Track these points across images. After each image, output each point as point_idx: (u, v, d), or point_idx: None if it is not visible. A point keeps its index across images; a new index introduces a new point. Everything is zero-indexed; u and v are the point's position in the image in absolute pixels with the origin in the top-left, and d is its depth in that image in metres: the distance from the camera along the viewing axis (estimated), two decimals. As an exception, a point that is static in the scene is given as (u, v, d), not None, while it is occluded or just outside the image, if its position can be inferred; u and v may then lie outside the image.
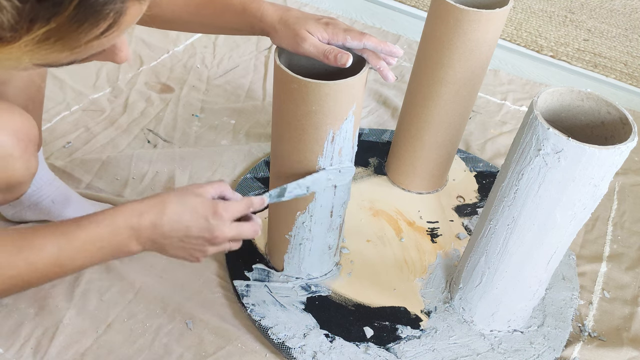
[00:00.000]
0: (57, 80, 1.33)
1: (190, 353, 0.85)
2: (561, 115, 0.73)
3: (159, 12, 0.74)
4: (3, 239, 0.56)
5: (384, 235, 1.03)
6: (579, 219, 0.72)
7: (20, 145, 0.69)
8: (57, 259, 0.57)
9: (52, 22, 0.35)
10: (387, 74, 0.72)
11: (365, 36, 0.70)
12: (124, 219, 0.60)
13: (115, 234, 0.59)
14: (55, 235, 0.57)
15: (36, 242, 0.56)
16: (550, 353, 0.87)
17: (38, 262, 0.56)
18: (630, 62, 1.67)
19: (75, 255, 0.58)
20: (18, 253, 0.55)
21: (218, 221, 0.63)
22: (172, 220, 0.62)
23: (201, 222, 0.63)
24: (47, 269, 0.57)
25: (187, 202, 0.63)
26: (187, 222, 0.63)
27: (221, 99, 1.35)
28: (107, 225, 0.59)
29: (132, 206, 0.61)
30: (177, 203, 0.62)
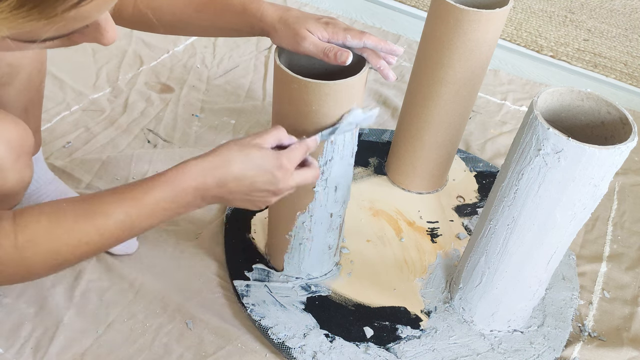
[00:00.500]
0: (57, 80, 1.33)
1: (190, 353, 0.85)
2: (561, 115, 0.73)
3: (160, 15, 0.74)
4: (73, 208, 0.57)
5: (384, 235, 1.03)
6: (579, 219, 0.72)
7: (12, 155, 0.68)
8: (125, 224, 0.58)
9: None
10: (388, 73, 0.72)
11: (365, 35, 0.70)
12: (190, 181, 0.60)
13: (182, 195, 0.60)
14: (122, 201, 0.58)
15: (105, 209, 0.57)
16: (550, 353, 0.87)
17: (108, 228, 0.57)
18: (630, 62, 1.68)
19: (143, 218, 0.59)
20: (88, 220, 0.56)
21: (283, 174, 0.64)
22: (237, 178, 0.62)
23: (267, 176, 0.63)
24: (116, 233, 0.58)
25: (251, 156, 0.62)
26: (253, 177, 0.63)
27: (221, 99, 1.35)
28: (173, 189, 0.59)
29: (197, 165, 0.60)
30: (241, 159, 0.62)
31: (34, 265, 0.56)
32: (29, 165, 0.72)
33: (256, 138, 0.64)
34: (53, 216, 0.56)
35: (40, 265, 0.56)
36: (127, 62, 1.41)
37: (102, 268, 0.95)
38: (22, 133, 0.70)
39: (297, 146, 0.67)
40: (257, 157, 0.63)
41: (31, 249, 0.54)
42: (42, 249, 0.55)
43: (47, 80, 1.31)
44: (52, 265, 0.57)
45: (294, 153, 0.66)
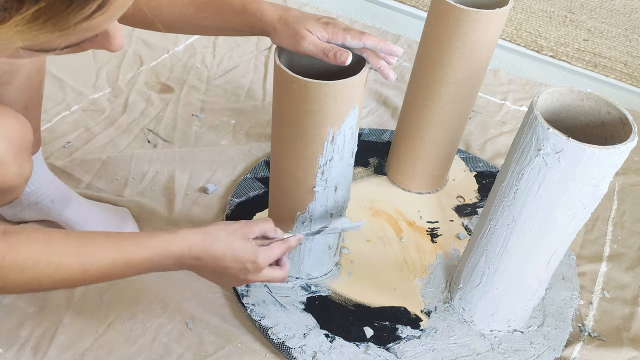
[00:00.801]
0: (57, 80, 1.33)
1: (190, 353, 0.85)
2: (561, 115, 0.73)
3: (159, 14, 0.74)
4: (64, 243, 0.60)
5: (384, 235, 1.03)
6: (579, 219, 0.72)
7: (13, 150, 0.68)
8: (109, 271, 0.62)
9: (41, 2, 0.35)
10: (388, 72, 0.73)
11: (365, 35, 0.70)
12: (177, 249, 0.65)
13: (164, 260, 0.65)
14: (113, 250, 0.62)
15: (94, 252, 0.61)
16: (550, 353, 0.87)
17: (91, 271, 0.61)
18: (630, 62, 1.68)
19: (125, 271, 0.63)
20: (76, 259, 0.60)
21: (254, 269, 0.70)
22: (214, 259, 0.68)
23: (240, 267, 0.69)
24: (97, 276, 0.62)
25: (233, 245, 0.68)
26: (228, 264, 0.69)
27: (221, 99, 1.35)
28: (160, 254, 0.65)
29: (185, 237, 0.66)
30: (223, 244, 0.68)
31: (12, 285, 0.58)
32: (29, 160, 0.73)
33: (244, 227, 0.71)
34: (45, 248, 0.59)
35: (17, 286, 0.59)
36: (127, 62, 1.41)
37: (102, 268, 0.95)
38: (23, 128, 0.71)
39: (277, 245, 0.73)
40: (237, 247, 0.69)
41: (15, 272, 0.57)
42: (27, 273, 0.58)
43: (47, 80, 1.31)
44: (28, 288, 0.60)
45: (271, 253, 0.72)
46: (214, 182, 1.12)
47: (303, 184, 0.79)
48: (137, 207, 1.05)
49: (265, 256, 0.71)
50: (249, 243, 0.70)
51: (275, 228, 0.74)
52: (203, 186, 1.11)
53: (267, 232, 0.73)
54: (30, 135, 0.72)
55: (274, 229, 0.74)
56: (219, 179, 1.13)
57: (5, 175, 0.69)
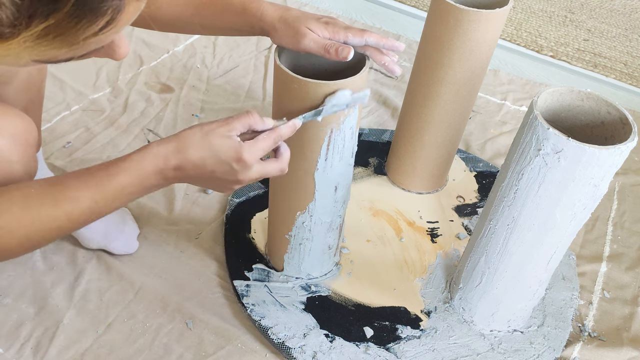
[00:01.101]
0: (57, 80, 1.33)
1: (190, 353, 0.85)
2: (561, 115, 0.73)
3: (158, 14, 0.74)
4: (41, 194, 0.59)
5: (384, 235, 1.03)
6: (579, 219, 0.72)
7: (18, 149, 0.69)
8: (93, 208, 0.60)
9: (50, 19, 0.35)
10: (394, 67, 0.73)
11: (366, 32, 0.70)
12: (151, 165, 0.61)
13: (144, 179, 0.62)
14: (88, 186, 0.60)
15: (72, 195, 0.59)
16: (550, 353, 0.87)
17: (76, 213, 0.59)
18: (630, 62, 1.67)
19: (109, 202, 0.61)
20: (57, 207, 0.59)
21: (241, 166, 0.63)
22: (195, 165, 0.62)
23: (225, 167, 0.63)
24: (84, 217, 0.61)
25: (211, 145, 0.62)
26: (211, 167, 0.63)
27: (221, 99, 1.35)
28: (136, 173, 0.61)
29: (158, 150, 0.62)
30: (200, 147, 0.62)
31: (8, 249, 0.58)
32: (34, 158, 0.73)
33: (223, 125, 0.63)
34: (24, 204, 0.58)
35: (14, 248, 0.59)
36: (127, 62, 1.41)
37: (102, 268, 0.95)
38: (27, 126, 0.71)
39: (265, 136, 0.65)
40: (217, 146, 0.62)
41: (4, 235, 0.57)
42: (15, 234, 0.58)
43: (48, 80, 1.31)
44: (26, 247, 0.60)
45: (258, 144, 0.64)
46: (214, 182, 1.12)
47: (303, 184, 0.79)
48: (137, 207, 1.05)
49: (251, 151, 0.63)
50: (230, 140, 0.62)
51: (262, 118, 0.65)
52: (203, 186, 1.11)
53: (253, 125, 0.65)
54: (35, 133, 0.73)
55: (260, 120, 0.65)
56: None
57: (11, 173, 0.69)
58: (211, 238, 1.01)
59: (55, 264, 0.95)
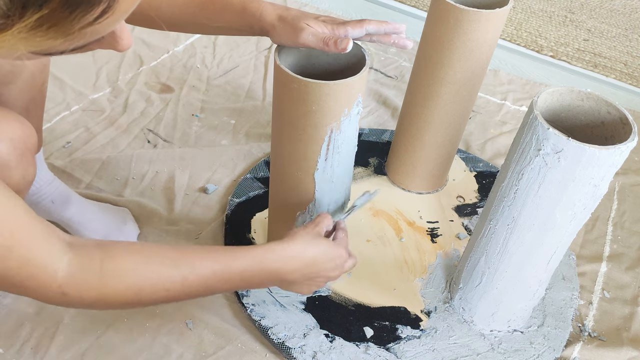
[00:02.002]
0: (57, 80, 1.33)
1: (190, 353, 0.85)
2: (561, 115, 0.73)
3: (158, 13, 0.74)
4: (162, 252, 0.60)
5: (384, 235, 1.03)
6: (579, 219, 0.72)
7: (16, 154, 0.68)
8: (208, 282, 0.61)
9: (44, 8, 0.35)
10: (404, 42, 0.74)
11: (365, 21, 0.71)
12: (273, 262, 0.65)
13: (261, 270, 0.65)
14: (212, 260, 0.61)
15: (193, 262, 0.60)
16: (550, 353, 0.87)
17: (190, 280, 0.60)
18: (630, 62, 1.67)
19: (224, 282, 0.62)
20: (175, 268, 0.59)
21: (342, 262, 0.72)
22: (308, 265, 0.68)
23: (331, 264, 0.70)
24: (196, 287, 0.61)
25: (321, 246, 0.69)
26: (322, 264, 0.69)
27: (221, 99, 1.35)
28: (259, 265, 0.64)
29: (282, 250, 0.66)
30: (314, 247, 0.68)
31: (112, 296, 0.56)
32: (32, 163, 0.73)
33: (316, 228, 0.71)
34: (143, 254, 0.58)
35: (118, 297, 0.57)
36: (127, 62, 1.41)
37: (102, 268, 0.94)
38: (26, 131, 0.70)
39: (342, 236, 0.76)
40: (324, 246, 0.69)
41: (115, 279, 0.56)
42: (125, 281, 0.56)
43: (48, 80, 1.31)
44: (128, 301, 0.58)
45: (343, 242, 0.74)
46: (214, 182, 1.12)
47: (303, 184, 0.79)
48: (137, 207, 1.05)
49: (344, 246, 0.73)
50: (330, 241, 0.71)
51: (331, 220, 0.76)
52: (203, 186, 1.11)
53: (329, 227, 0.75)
54: (34, 138, 0.72)
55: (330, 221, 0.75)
56: (219, 179, 1.13)
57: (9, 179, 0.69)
58: (211, 238, 1.01)
59: (55, 264, 0.95)
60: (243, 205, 1.05)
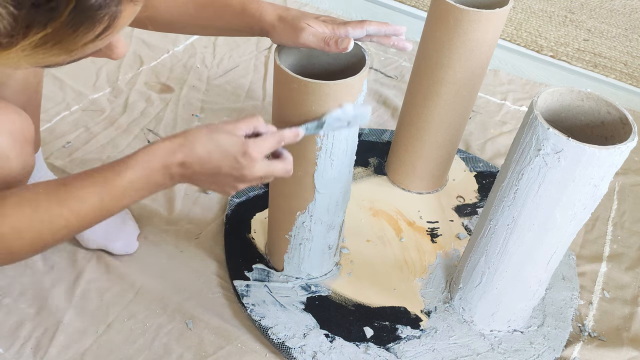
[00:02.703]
0: (57, 80, 1.33)
1: (190, 353, 0.85)
2: (561, 115, 0.73)
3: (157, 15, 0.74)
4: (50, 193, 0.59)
5: (384, 235, 1.03)
6: (579, 219, 0.72)
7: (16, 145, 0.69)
8: (100, 206, 0.60)
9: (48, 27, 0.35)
10: (404, 44, 0.73)
11: (366, 22, 0.70)
12: (158, 160, 0.61)
13: (151, 175, 0.62)
14: (95, 185, 0.60)
15: (79, 194, 0.59)
16: (550, 353, 0.87)
17: (83, 211, 0.59)
18: (630, 62, 1.67)
19: (117, 200, 0.61)
20: (63, 204, 0.59)
21: (248, 161, 0.63)
22: (201, 159, 0.62)
23: (231, 161, 0.63)
24: (92, 215, 0.60)
25: (218, 140, 0.63)
26: (217, 162, 0.63)
27: (221, 99, 1.35)
28: (143, 169, 0.61)
29: (165, 145, 0.62)
30: (207, 142, 0.62)
31: (17, 250, 0.58)
32: (31, 154, 0.73)
33: (229, 124, 0.64)
34: (33, 203, 0.58)
35: (23, 249, 0.59)
36: (127, 62, 1.41)
37: (102, 268, 0.95)
38: (24, 122, 0.71)
39: (269, 136, 0.65)
40: (223, 141, 0.62)
41: (14, 235, 0.57)
42: (25, 235, 0.57)
43: (47, 80, 1.31)
44: (35, 248, 0.59)
45: (264, 142, 0.64)
46: (214, 182, 1.12)
47: (303, 184, 0.79)
48: (137, 207, 1.05)
49: (257, 145, 0.63)
50: (235, 136, 0.63)
51: (267, 125, 0.67)
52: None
53: (258, 128, 0.66)
54: (32, 128, 0.73)
55: (264, 125, 0.67)
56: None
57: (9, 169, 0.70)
58: (211, 238, 1.01)
59: (55, 264, 0.95)
60: (243, 205, 1.05)
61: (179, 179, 0.64)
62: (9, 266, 0.93)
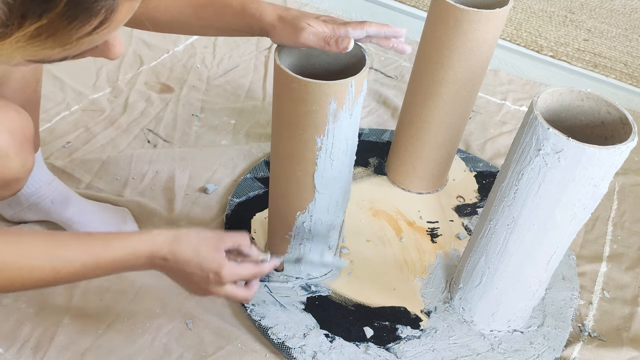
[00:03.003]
0: (57, 80, 1.33)
1: (190, 353, 0.85)
2: (561, 115, 0.73)
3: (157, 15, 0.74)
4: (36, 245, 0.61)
5: (384, 235, 1.03)
6: (579, 219, 0.72)
7: (15, 143, 0.69)
8: (80, 273, 0.63)
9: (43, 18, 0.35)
10: (403, 47, 0.74)
11: (366, 23, 0.70)
12: (146, 251, 0.66)
13: (135, 259, 0.65)
14: (83, 252, 0.63)
15: (64, 255, 0.62)
16: (550, 353, 0.87)
17: (63, 272, 0.61)
18: (630, 62, 1.67)
19: (96, 271, 0.64)
20: (48, 261, 0.60)
21: (216, 280, 0.69)
22: (179, 263, 0.67)
23: (203, 274, 0.68)
24: (69, 278, 0.63)
25: (200, 252, 0.67)
26: (191, 270, 0.68)
27: (221, 99, 1.35)
28: (130, 254, 0.65)
29: (155, 239, 0.66)
30: (191, 250, 0.67)
31: None
32: (30, 152, 0.74)
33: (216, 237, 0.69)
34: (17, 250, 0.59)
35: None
36: (127, 62, 1.41)
37: (102, 268, 0.94)
38: (24, 121, 0.71)
39: (249, 267, 0.71)
40: (203, 256, 0.67)
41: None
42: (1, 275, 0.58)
43: (47, 80, 1.31)
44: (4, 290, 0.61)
45: (239, 271, 0.70)
46: (214, 182, 1.12)
47: (303, 184, 0.79)
48: (137, 207, 1.05)
49: (230, 271, 0.69)
50: (217, 254, 0.68)
51: (250, 245, 0.73)
52: (203, 186, 1.11)
53: (241, 247, 0.72)
54: (32, 128, 0.73)
55: (248, 245, 0.72)
56: (219, 179, 1.13)
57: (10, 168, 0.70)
58: (211, 238, 1.01)
59: (55, 264, 0.95)
60: (243, 205, 1.05)
61: (157, 268, 0.69)
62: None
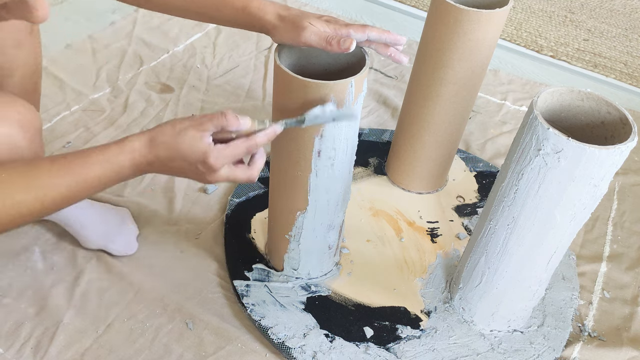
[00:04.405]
0: (57, 80, 1.33)
1: (190, 353, 0.85)
2: (561, 115, 0.73)
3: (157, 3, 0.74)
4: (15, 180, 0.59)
5: (384, 235, 1.03)
6: (579, 219, 0.72)
7: (27, 136, 0.70)
8: (66, 195, 0.61)
9: None
10: (400, 57, 0.73)
11: (368, 27, 0.70)
12: (127, 159, 0.63)
13: (119, 170, 0.63)
14: (65, 175, 0.60)
15: (47, 183, 0.60)
16: (550, 353, 0.87)
17: (47, 199, 0.60)
18: (630, 62, 1.67)
19: (84, 190, 0.62)
20: (30, 191, 0.59)
21: (207, 169, 0.64)
22: (164, 163, 0.64)
23: (192, 167, 0.64)
24: (57, 203, 0.61)
25: (180, 146, 0.63)
26: (178, 167, 0.64)
27: (221, 99, 1.35)
28: (113, 166, 0.62)
29: (133, 145, 0.63)
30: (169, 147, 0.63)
31: None
32: (41, 144, 0.74)
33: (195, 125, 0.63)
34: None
35: None
36: (127, 62, 1.41)
37: (102, 268, 0.95)
38: (32, 114, 0.72)
39: (238, 144, 0.64)
40: (185, 147, 0.63)
41: None
42: None
43: (47, 80, 1.31)
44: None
45: (227, 151, 0.64)
46: (214, 182, 1.12)
47: (303, 183, 0.79)
48: (137, 207, 1.05)
49: (217, 155, 0.63)
50: (199, 142, 0.62)
51: (237, 118, 0.64)
52: (203, 186, 1.11)
53: (226, 126, 0.64)
54: (40, 120, 0.74)
55: (234, 120, 0.64)
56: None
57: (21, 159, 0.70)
58: (211, 238, 1.01)
59: (55, 264, 0.95)
60: (243, 205, 1.05)
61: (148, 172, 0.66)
62: (9, 266, 0.94)
